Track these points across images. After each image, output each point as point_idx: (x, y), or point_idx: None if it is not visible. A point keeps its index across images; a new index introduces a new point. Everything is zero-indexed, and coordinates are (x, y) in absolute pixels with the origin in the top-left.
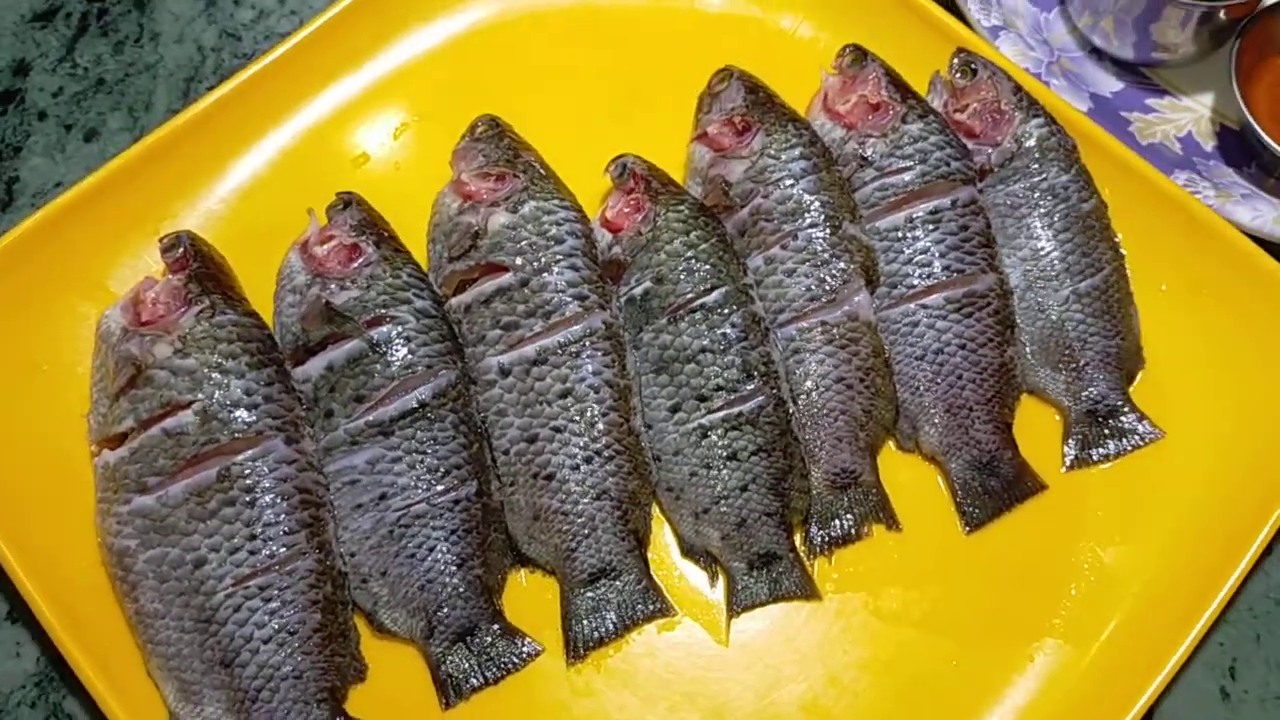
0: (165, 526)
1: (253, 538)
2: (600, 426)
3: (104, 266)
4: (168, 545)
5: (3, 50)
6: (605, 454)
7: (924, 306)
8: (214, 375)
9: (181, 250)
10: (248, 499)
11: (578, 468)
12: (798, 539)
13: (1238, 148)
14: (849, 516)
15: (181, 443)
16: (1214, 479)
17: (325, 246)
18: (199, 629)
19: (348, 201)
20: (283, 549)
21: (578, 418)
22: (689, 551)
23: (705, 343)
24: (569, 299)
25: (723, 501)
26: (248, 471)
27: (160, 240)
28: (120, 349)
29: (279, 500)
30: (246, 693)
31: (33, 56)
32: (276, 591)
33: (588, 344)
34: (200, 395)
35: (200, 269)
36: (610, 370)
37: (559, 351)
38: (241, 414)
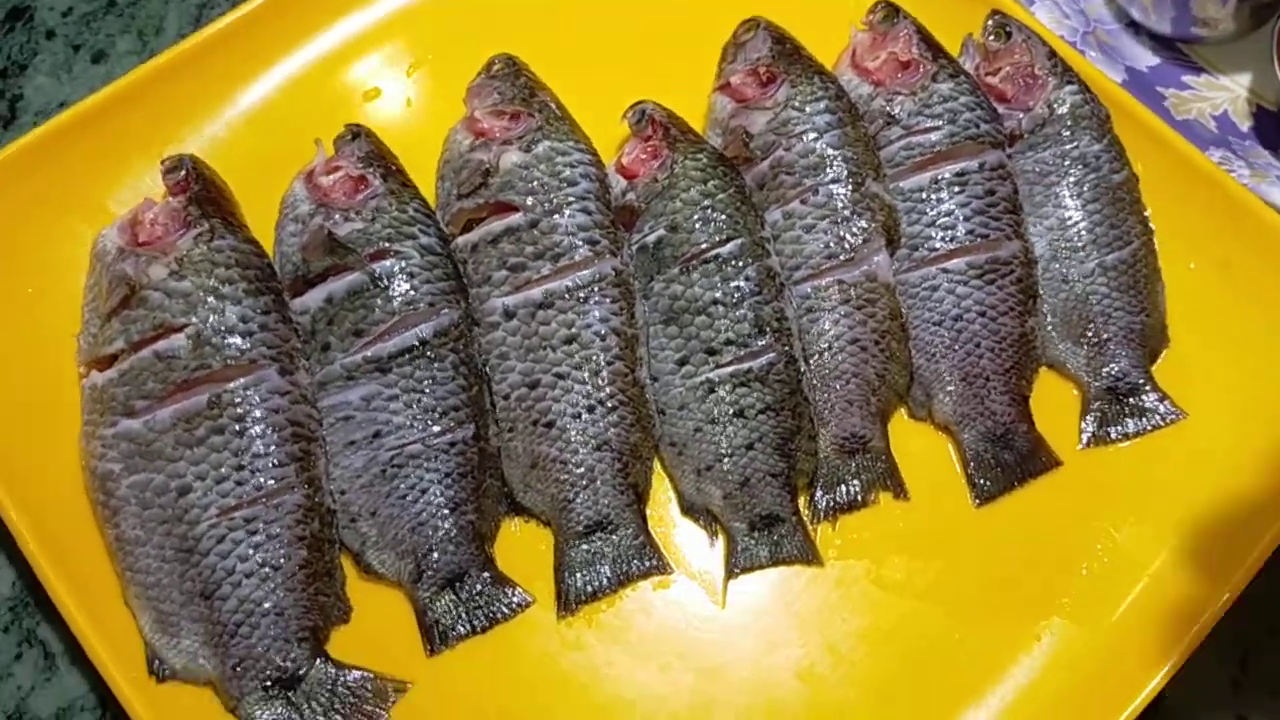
0: (151, 452)
1: (240, 468)
2: (604, 375)
3: (105, 188)
4: (152, 471)
5: None
6: (608, 404)
7: (945, 270)
8: (209, 300)
9: (183, 173)
10: (237, 428)
11: (579, 416)
12: (802, 502)
13: (1275, 129)
14: (855, 482)
15: (172, 366)
16: (1235, 465)
17: (331, 177)
18: (180, 559)
19: (356, 133)
20: (271, 481)
21: (582, 365)
22: (689, 509)
23: (717, 295)
24: (579, 243)
25: (726, 459)
26: (239, 400)
27: (162, 163)
28: (115, 268)
29: (269, 431)
30: (225, 626)
31: None
32: (262, 525)
33: (596, 290)
34: (194, 319)
35: (201, 192)
36: (618, 318)
37: (566, 296)
38: (236, 341)
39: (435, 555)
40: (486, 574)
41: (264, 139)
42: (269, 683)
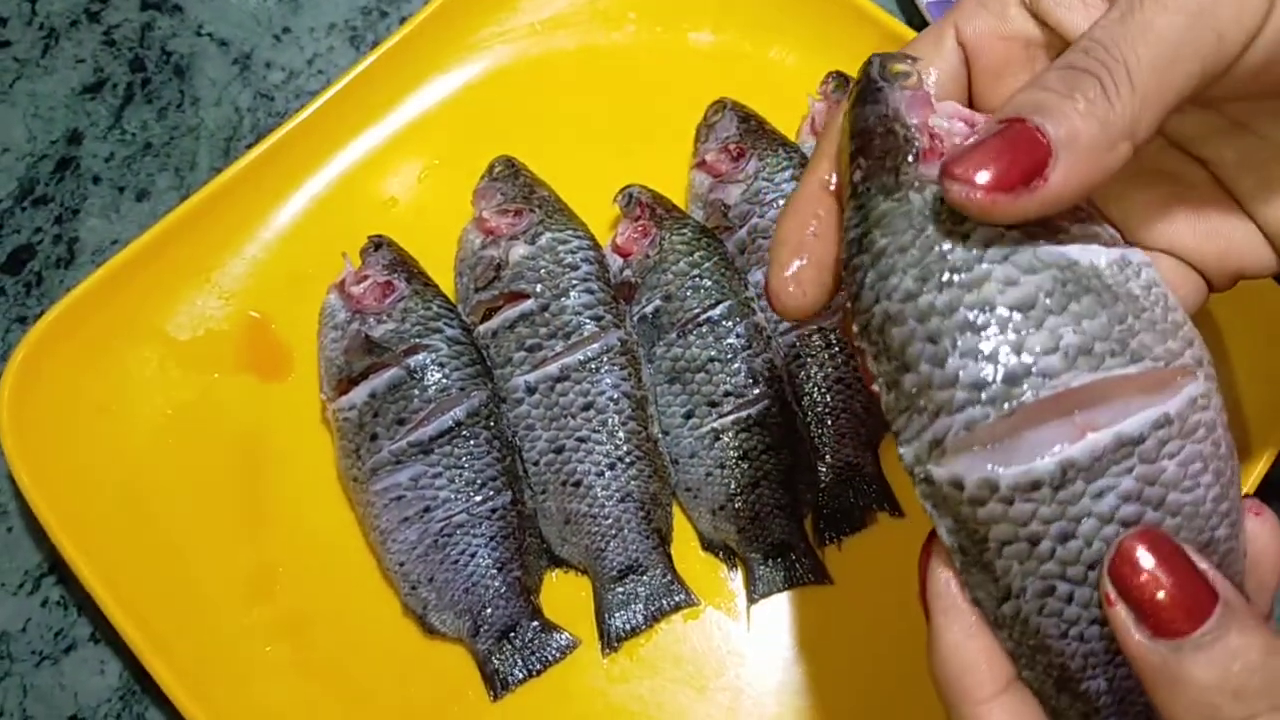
0: None
1: None
2: (621, 435)
3: (161, 315)
4: None
5: (58, 122)
6: (627, 460)
7: None
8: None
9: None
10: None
11: (602, 474)
12: (808, 528)
13: None
14: (854, 506)
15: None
16: None
17: (361, 285)
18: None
19: (379, 244)
20: None
21: (600, 428)
22: (709, 546)
23: (713, 353)
24: (586, 320)
25: (737, 498)
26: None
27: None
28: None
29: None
30: None
31: (84, 126)
32: None
33: (605, 360)
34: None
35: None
36: (627, 383)
37: (579, 369)
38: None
39: (489, 611)
40: (536, 622)
41: (297, 256)
42: None
